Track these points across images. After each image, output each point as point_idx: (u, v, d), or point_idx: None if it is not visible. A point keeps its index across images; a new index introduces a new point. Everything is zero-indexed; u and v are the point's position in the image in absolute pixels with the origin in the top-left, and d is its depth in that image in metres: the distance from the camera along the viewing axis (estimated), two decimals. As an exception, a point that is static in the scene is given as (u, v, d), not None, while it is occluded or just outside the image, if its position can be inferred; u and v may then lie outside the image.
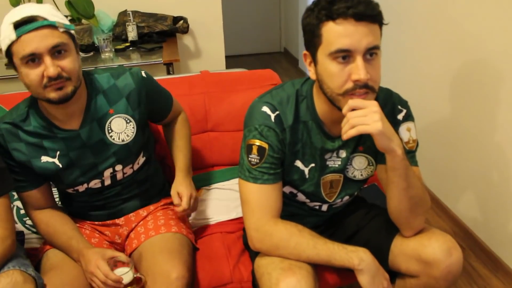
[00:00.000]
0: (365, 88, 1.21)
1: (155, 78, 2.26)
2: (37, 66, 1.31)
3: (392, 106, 1.44)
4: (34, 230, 1.85)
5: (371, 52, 1.21)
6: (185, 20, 3.24)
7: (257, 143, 1.36)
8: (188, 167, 1.74)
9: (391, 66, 3.13)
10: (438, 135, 2.63)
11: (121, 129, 1.55)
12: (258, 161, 1.36)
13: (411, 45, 2.84)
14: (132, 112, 1.56)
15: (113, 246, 1.67)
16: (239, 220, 1.83)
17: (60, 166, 1.51)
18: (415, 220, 1.37)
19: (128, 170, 1.62)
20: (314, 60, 1.28)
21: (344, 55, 1.20)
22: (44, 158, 1.50)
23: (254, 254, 1.49)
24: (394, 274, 1.44)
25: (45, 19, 1.31)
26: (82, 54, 2.91)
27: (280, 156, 1.38)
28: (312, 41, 1.26)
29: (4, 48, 1.33)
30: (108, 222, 1.68)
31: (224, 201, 1.97)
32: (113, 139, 1.55)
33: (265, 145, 1.35)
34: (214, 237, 1.77)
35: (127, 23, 3.04)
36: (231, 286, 1.58)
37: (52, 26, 1.32)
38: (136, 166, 1.64)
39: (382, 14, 1.24)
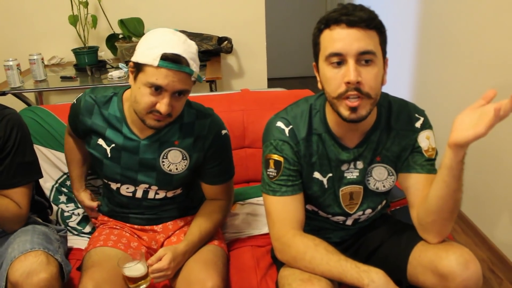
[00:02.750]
0: (357, 92, 1.25)
1: (198, 94, 2.36)
2: (156, 95, 1.42)
3: (408, 114, 1.46)
4: (75, 232, 1.95)
5: (366, 59, 1.25)
6: (229, 40, 3.34)
7: (274, 157, 1.41)
8: (194, 248, 1.60)
9: (429, 90, 3.12)
10: (475, 160, 2.59)
11: (175, 161, 1.62)
12: (275, 174, 1.41)
13: (451, 68, 2.82)
14: (193, 152, 1.62)
15: (149, 252, 1.73)
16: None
17: (109, 155, 1.63)
18: (449, 225, 1.37)
19: (161, 193, 1.69)
20: (318, 69, 1.35)
21: (338, 60, 1.25)
22: (101, 141, 1.63)
23: (279, 266, 1.52)
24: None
25: (187, 64, 1.41)
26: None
27: (297, 168, 1.42)
28: (315, 51, 1.33)
29: (139, 61, 1.42)
30: (146, 227, 1.75)
31: (256, 216, 2.02)
32: (163, 165, 1.62)
33: (281, 159, 1.41)
34: (244, 249, 1.81)
35: (174, 42, 3.15)
36: (257, 297, 1.62)
37: (189, 74, 1.43)
38: (170, 194, 1.71)
39: (378, 20, 1.28)
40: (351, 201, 1.50)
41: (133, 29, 3.08)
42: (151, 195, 1.69)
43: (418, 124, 1.45)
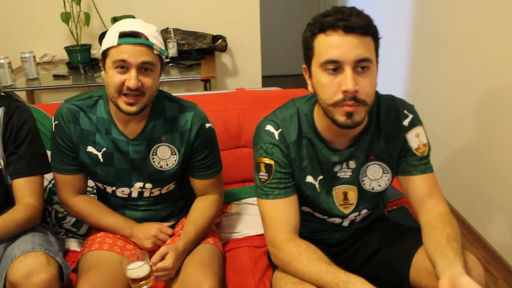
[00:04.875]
0: (353, 101, 1.24)
1: (192, 93, 2.35)
2: (123, 73, 1.45)
3: (396, 111, 1.44)
4: (70, 234, 1.93)
5: (362, 66, 1.23)
6: (224, 39, 3.32)
7: (264, 161, 1.40)
8: (191, 245, 1.61)
9: (423, 89, 3.13)
10: (470, 159, 2.60)
11: (164, 156, 1.63)
12: (267, 177, 1.40)
13: (445, 68, 2.83)
14: (180, 147, 1.63)
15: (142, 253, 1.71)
16: (267, 235, 1.86)
17: (101, 160, 1.62)
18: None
19: (156, 192, 1.70)
20: (310, 73, 1.32)
21: (334, 67, 1.23)
22: (90, 148, 1.62)
23: (275, 268, 1.50)
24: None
25: (147, 38, 1.45)
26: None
27: (289, 170, 1.41)
28: (307, 54, 1.30)
29: (103, 48, 1.49)
30: None
31: (253, 216, 2.00)
32: (154, 162, 1.63)
33: (272, 162, 1.39)
34: (241, 250, 1.80)
35: (168, 40, 3.13)
36: (255, 299, 1.60)
37: (149, 46, 1.45)
38: (164, 191, 1.71)
39: (374, 26, 1.26)
40: (345, 201, 1.49)
41: (126, 27, 3.05)
42: (146, 194, 1.69)
43: (406, 122, 1.44)
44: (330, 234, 1.58)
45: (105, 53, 1.49)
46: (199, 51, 3.26)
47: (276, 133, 1.41)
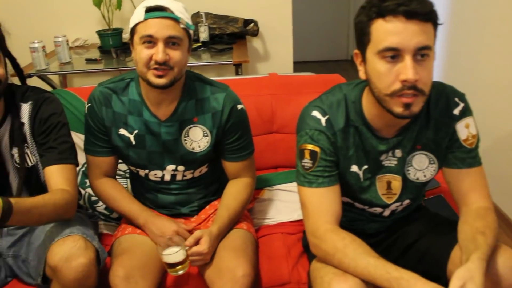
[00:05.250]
0: (413, 90, 1.18)
1: (225, 78, 2.32)
2: (150, 47, 1.45)
3: (447, 99, 1.37)
4: (102, 218, 1.94)
5: (422, 53, 1.17)
6: (255, 23, 3.28)
7: (309, 148, 1.35)
8: (225, 230, 1.60)
9: (460, 73, 3.04)
10: (509, 151, 2.52)
11: (196, 138, 1.63)
12: (311, 165, 1.35)
13: (483, 57, 2.73)
14: (212, 128, 1.62)
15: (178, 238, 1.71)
16: (300, 222, 1.82)
17: (133, 143, 1.63)
18: None
19: (188, 175, 1.69)
20: (364, 59, 1.26)
21: (393, 54, 1.17)
22: (122, 131, 1.62)
23: (311, 257, 1.48)
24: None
25: (172, 12, 1.46)
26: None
27: (334, 159, 1.37)
28: (362, 39, 1.24)
29: (131, 25, 1.50)
30: (175, 212, 1.74)
31: (286, 203, 1.98)
32: (186, 143, 1.62)
33: (317, 149, 1.35)
34: (274, 237, 1.78)
35: (199, 24, 3.11)
36: (289, 286, 1.59)
37: (176, 20, 1.46)
38: (197, 174, 1.70)
39: (436, 13, 1.19)
40: (388, 190, 1.44)
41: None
42: (178, 177, 1.68)
43: (457, 111, 1.37)
44: (368, 224, 1.54)
45: (133, 30, 1.50)
46: (230, 35, 3.23)
47: (323, 120, 1.36)
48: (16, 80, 1.65)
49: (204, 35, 3.12)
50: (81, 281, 1.36)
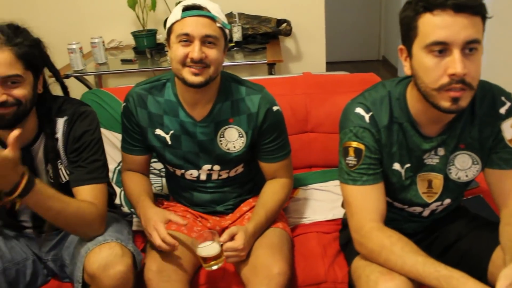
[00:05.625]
0: (461, 84, 1.16)
1: (258, 77, 2.32)
2: (187, 46, 1.46)
3: (492, 97, 1.34)
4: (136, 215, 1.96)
5: (470, 47, 1.15)
6: (288, 23, 3.28)
7: (354, 145, 1.34)
8: (261, 229, 1.60)
9: (501, 72, 2.97)
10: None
11: (231, 139, 1.63)
12: (355, 163, 1.34)
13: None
14: (247, 129, 1.62)
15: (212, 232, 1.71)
16: (336, 222, 1.82)
17: (169, 143, 1.64)
18: None
19: (224, 174, 1.69)
20: (410, 54, 1.25)
21: (441, 48, 1.16)
22: (158, 131, 1.64)
23: (349, 256, 1.47)
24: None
25: (209, 11, 1.47)
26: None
27: (378, 156, 1.35)
28: (408, 34, 1.23)
29: (168, 25, 1.52)
30: (210, 210, 1.75)
31: (321, 202, 1.97)
32: (221, 144, 1.63)
33: (362, 146, 1.33)
34: (310, 236, 1.77)
35: (232, 24, 3.12)
36: (325, 285, 1.58)
37: (212, 19, 1.47)
38: (232, 173, 1.71)
39: (485, 6, 1.17)
40: (429, 189, 1.42)
41: (192, 12, 3.07)
42: (214, 176, 1.69)
43: (503, 110, 1.34)
44: (407, 224, 1.51)
45: (169, 30, 1.51)
46: (263, 35, 3.24)
47: (367, 116, 1.34)
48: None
49: (237, 35, 3.13)
50: None
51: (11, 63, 1.34)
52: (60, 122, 1.53)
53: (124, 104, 1.67)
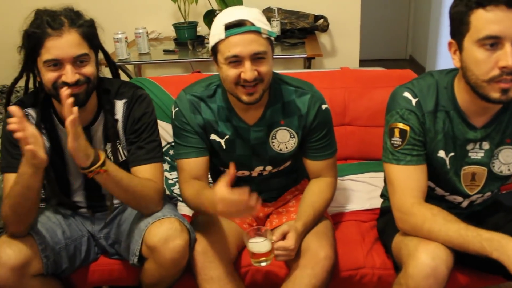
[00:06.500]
0: (511, 76, 1.22)
1: (297, 71, 2.38)
2: (237, 66, 1.44)
3: None
4: (180, 199, 2.03)
5: None
6: (325, 19, 3.33)
7: (399, 126, 1.41)
8: (309, 227, 1.60)
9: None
10: None
11: (283, 140, 1.66)
12: (400, 143, 1.41)
13: None
14: (298, 129, 1.65)
15: (255, 221, 1.79)
16: (373, 211, 1.89)
17: (224, 147, 1.66)
18: None
19: (273, 170, 1.73)
20: (460, 48, 1.31)
21: (493, 42, 1.22)
22: (213, 136, 1.65)
23: (388, 238, 1.54)
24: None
25: (252, 24, 1.42)
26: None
27: (422, 138, 1.42)
28: (459, 29, 1.29)
29: (211, 43, 1.49)
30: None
31: (358, 192, 2.04)
32: (273, 145, 1.66)
33: (407, 128, 1.41)
34: (348, 224, 1.84)
35: (271, 19, 3.18)
36: (363, 270, 1.64)
37: (257, 32, 1.43)
38: (281, 168, 1.75)
39: None
40: (472, 182, 1.48)
41: (231, 5, 3.13)
42: (265, 173, 1.73)
43: None
44: None
45: (214, 49, 1.48)
46: (300, 31, 3.30)
47: (414, 101, 1.42)
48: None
49: (276, 29, 3.19)
50: (177, 261, 1.46)
51: (79, 43, 1.43)
52: (119, 104, 1.59)
53: (176, 109, 1.62)
